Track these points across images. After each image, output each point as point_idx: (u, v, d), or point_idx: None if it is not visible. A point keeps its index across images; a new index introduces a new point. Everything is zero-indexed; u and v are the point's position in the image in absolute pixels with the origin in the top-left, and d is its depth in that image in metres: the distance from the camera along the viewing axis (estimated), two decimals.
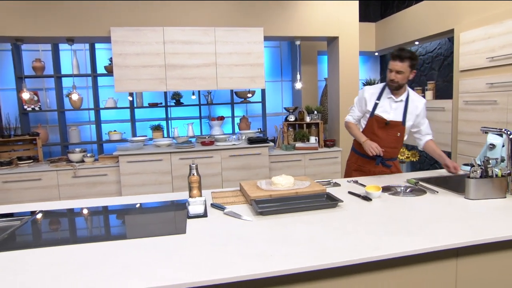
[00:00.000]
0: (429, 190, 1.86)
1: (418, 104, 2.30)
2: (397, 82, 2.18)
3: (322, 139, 4.51)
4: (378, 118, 2.29)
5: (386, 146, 2.26)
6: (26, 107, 4.62)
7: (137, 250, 1.23)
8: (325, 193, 1.78)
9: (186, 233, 1.39)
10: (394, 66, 2.15)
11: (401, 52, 2.13)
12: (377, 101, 2.29)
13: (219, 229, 1.43)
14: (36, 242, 1.41)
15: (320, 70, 5.55)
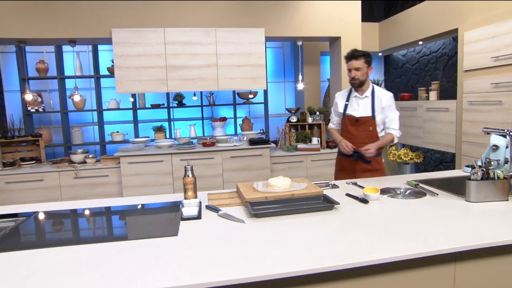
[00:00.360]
0: (429, 193, 1.82)
1: (382, 97, 2.39)
2: (357, 79, 2.33)
3: (324, 140, 4.47)
4: (349, 117, 2.46)
5: (361, 142, 2.38)
6: (30, 108, 4.65)
7: (125, 253, 1.22)
8: (322, 195, 1.75)
9: (178, 236, 1.37)
10: (352, 64, 2.32)
11: (354, 52, 2.33)
12: (347, 102, 2.48)
13: (212, 232, 1.41)
14: (20, 244, 1.39)
15: (323, 70, 5.51)
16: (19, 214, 1.72)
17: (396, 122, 2.45)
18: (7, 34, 3.65)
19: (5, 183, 3.72)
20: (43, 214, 1.73)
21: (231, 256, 1.16)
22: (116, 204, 1.88)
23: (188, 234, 1.38)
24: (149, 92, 4.32)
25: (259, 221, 1.50)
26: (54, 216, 1.73)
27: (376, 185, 2.01)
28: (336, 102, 2.57)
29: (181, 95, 4.87)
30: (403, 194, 1.85)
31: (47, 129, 4.87)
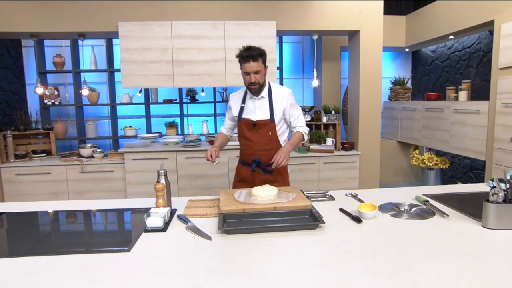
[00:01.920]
0: (439, 212, 1.54)
1: (282, 96, 2.10)
2: (258, 83, 2.01)
3: (339, 141, 4.18)
4: (245, 121, 2.14)
5: (260, 149, 2.12)
6: (46, 102, 4.71)
7: (53, 270, 1.07)
8: (309, 210, 1.52)
9: (130, 252, 1.21)
10: (250, 67, 1.96)
11: (251, 51, 1.96)
12: (242, 105, 2.15)
13: (170, 249, 1.23)
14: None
15: (344, 67, 5.18)
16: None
17: (302, 119, 2.19)
18: (20, 28, 3.68)
19: (16, 174, 3.77)
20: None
21: (174, 285, 0.98)
22: (80, 207, 1.75)
23: (142, 251, 1.22)
24: (155, 87, 4.22)
25: (228, 239, 1.31)
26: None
27: (378, 199, 1.75)
28: (230, 105, 2.22)
29: (194, 90, 4.74)
30: (406, 212, 1.58)
31: (62, 122, 4.92)
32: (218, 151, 2.04)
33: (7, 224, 1.52)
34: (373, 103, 3.99)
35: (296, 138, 2.11)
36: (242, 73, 2.03)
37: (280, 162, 1.88)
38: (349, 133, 4.44)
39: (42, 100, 4.65)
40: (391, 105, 5.15)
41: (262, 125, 2.08)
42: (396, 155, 5.10)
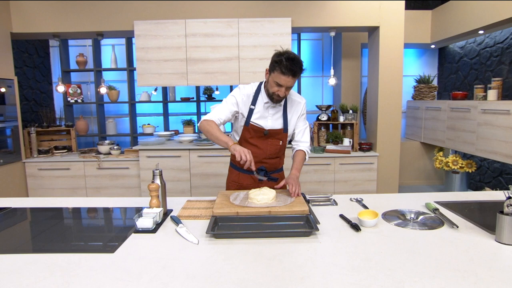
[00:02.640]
0: (448, 222, 1.41)
1: (299, 103, 1.92)
2: (284, 97, 1.79)
3: (357, 142, 4.03)
4: (254, 127, 1.87)
5: (267, 157, 1.92)
6: (70, 99, 4.88)
7: (39, 268, 1.06)
8: (306, 215, 1.44)
9: (115, 253, 1.19)
10: (286, 82, 1.69)
11: (295, 65, 1.66)
12: (252, 106, 1.86)
13: (153, 252, 1.20)
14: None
15: (365, 64, 5.00)
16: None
17: (307, 134, 1.99)
18: (43, 28, 3.81)
19: (38, 169, 3.93)
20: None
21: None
22: (78, 204, 1.76)
23: (127, 252, 1.19)
24: (169, 86, 4.24)
25: (215, 243, 1.26)
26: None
27: (384, 205, 1.64)
28: (237, 100, 1.86)
29: (211, 88, 4.74)
30: (412, 221, 1.46)
31: (85, 119, 5.08)
32: None
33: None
34: (393, 102, 3.80)
35: (300, 161, 1.91)
36: (270, 79, 1.74)
37: (296, 191, 1.67)
38: (368, 134, 4.28)
39: (65, 98, 4.82)
40: (414, 104, 4.91)
41: (274, 134, 1.90)
42: (419, 157, 4.86)
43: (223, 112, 1.85)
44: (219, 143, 1.73)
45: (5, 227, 1.46)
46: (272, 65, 1.72)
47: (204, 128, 1.80)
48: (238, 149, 1.62)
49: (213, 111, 1.86)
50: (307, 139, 1.98)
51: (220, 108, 1.87)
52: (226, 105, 1.87)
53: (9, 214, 1.63)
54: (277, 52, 1.73)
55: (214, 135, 1.74)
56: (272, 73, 1.72)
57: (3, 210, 1.68)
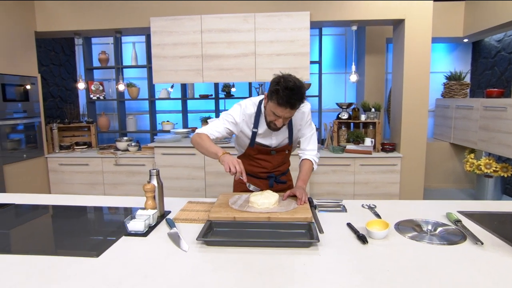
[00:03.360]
0: (472, 237, 1.24)
1: (303, 111, 1.75)
2: (281, 127, 1.66)
3: (379, 142, 3.81)
4: (260, 148, 1.80)
5: (275, 167, 1.87)
6: (92, 96, 4.98)
7: (17, 270, 1.02)
8: (308, 223, 1.32)
9: (99, 258, 1.13)
10: (284, 113, 1.55)
11: (293, 96, 1.49)
12: (255, 129, 1.74)
13: (140, 258, 1.13)
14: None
15: (390, 60, 4.74)
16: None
17: (314, 141, 1.84)
18: (64, 26, 3.89)
19: (59, 164, 4.03)
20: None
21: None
22: (76, 203, 1.72)
23: (112, 257, 1.13)
24: (184, 83, 4.20)
25: (205, 251, 1.17)
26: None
27: (399, 213, 1.49)
28: (237, 122, 1.73)
29: (230, 85, 4.67)
30: (429, 233, 1.30)
31: (106, 116, 5.17)
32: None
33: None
34: (419, 100, 3.56)
35: (307, 171, 1.78)
36: (268, 107, 1.59)
37: (305, 200, 1.54)
38: (391, 133, 4.04)
39: (88, 95, 4.92)
40: (444, 102, 4.60)
41: (280, 150, 1.83)
42: (448, 158, 4.55)
43: (218, 129, 1.72)
44: (209, 155, 1.62)
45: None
46: (269, 92, 1.56)
47: (195, 141, 1.68)
48: (226, 159, 1.49)
49: (208, 126, 1.75)
50: (314, 146, 1.83)
51: (216, 124, 1.74)
52: (223, 122, 1.74)
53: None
54: (276, 77, 1.57)
55: (204, 147, 1.62)
56: (269, 101, 1.57)
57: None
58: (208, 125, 1.75)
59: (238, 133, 1.79)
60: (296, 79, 1.52)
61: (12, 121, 3.56)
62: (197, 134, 1.69)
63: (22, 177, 3.68)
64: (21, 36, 3.70)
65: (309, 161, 1.81)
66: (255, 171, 1.88)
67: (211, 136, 1.69)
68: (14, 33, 3.59)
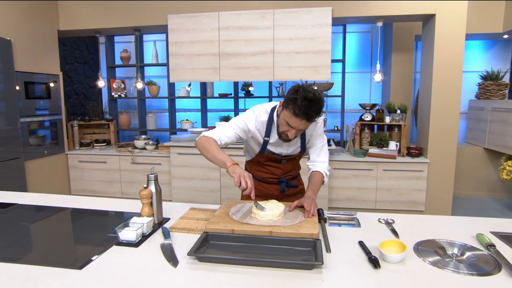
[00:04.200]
0: (508, 267, 1.05)
1: (317, 123, 1.65)
2: (293, 138, 1.54)
3: (404, 146, 3.57)
4: (270, 156, 1.72)
5: (285, 172, 1.79)
6: (114, 94, 5.03)
7: None
8: (314, 240, 1.18)
9: (82, 270, 1.05)
10: (298, 125, 1.44)
11: (311, 108, 1.38)
12: (267, 138, 1.65)
13: (124, 272, 1.04)
14: None
15: (419, 59, 4.46)
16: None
17: (325, 153, 1.72)
18: (86, 25, 3.93)
19: (78, 161, 4.09)
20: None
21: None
22: (72, 204, 1.65)
23: (95, 270, 1.05)
24: (201, 81, 4.14)
25: (196, 268, 1.06)
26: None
27: (421, 231, 1.31)
28: (249, 128, 1.62)
29: (249, 84, 4.57)
30: (455, 259, 1.13)
31: (127, 113, 5.22)
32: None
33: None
34: (449, 101, 3.29)
35: (317, 183, 1.65)
36: (282, 115, 1.49)
37: (313, 212, 1.41)
38: (418, 137, 3.78)
39: (110, 92, 4.98)
40: (478, 104, 4.26)
41: (290, 159, 1.75)
42: (481, 165, 4.21)
43: (227, 134, 1.60)
44: (216, 163, 1.51)
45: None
46: (286, 101, 1.45)
47: (200, 145, 1.57)
48: (238, 172, 1.40)
49: (216, 130, 1.63)
50: (324, 158, 1.71)
51: (225, 129, 1.62)
52: (233, 128, 1.61)
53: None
54: (295, 85, 1.46)
55: (211, 153, 1.51)
56: (284, 110, 1.46)
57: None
58: (216, 129, 1.63)
59: (248, 139, 1.70)
60: (316, 91, 1.42)
61: (34, 118, 3.64)
62: (204, 138, 1.58)
63: (43, 173, 3.76)
64: (45, 35, 3.77)
65: (320, 173, 1.68)
66: (264, 176, 1.80)
67: (219, 141, 1.59)
68: (38, 32, 3.66)
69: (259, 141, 1.67)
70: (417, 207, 3.47)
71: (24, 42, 3.47)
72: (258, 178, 1.80)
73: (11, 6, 3.31)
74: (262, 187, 1.81)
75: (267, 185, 1.80)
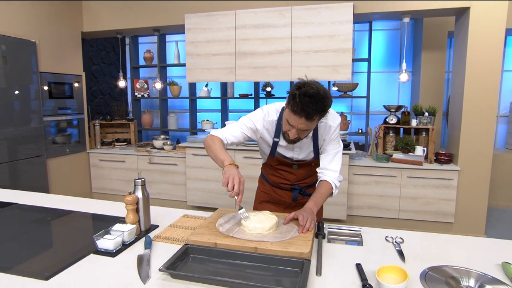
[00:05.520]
0: None
1: (331, 126, 1.52)
2: (297, 140, 1.45)
3: (432, 152, 3.29)
4: (281, 160, 1.63)
5: (299, 179, 1.67)
6: (137, 94, 5.11)
7: None
8: (303, 261, 1.05)
9: (48, 281, 0.98)
10: (297, 123, 1.33)
11: (310, 105, 1.26)
12: (276, 139, 1.56)
13: (91, 285, 0.97)
14: None
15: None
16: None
17: (337, 162, 1.55)
18: (107, 26, 4.00)
19: (99, 160, 4.17)
20: None
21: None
22: (62, 205, 1.61)
23: (62, 282, 0.98)
24: (217, 81, 4.07)
25: (168, 285, 0.97)
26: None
27: (433, 255, 1.13)
28: (256, 127, 1.54)
29: (270, 84, 4.45)
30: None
31: (150, 113, 5.29)
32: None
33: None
34: (485, 103, 2.98)
35: (323, 194, 1.49)
36: (283, 115, 1.42)
37: (308, 227, 1.26)
38: (449, 142, 3.48)
39: (133, 92, 5.06)
40: None
41: (304, 165, 1.64)
42: None
43: (234, 134, 1.54)
44: (216, 162, 1.45)
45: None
46: (287, 98, 1.36)
47: (206, 144, 1.53)
48: (228, 173, 1.32)
49: (224, 128, 1.58)
50: (336, 167, 1.54)
51: (233, 128, 1.56)
52: (240, 127, 1.56)
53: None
54: (299, 82, 1.35)
55: (214, 152, 1.45)
56: (286, 107, 1.37)
57: None
58: (224, 128, 1.59)
59: (259, 139, 1.62)
60: (321, 88, 1.30)
61: (58, 117, 3.75)
62: (210, 136, 1.54)
63: (65, 171, 3.86)
64: (69, 37, 3.87)
65: (329, 183, 1.52)
66: (277, 181, 1.71)
67: (225, 140, 1.53)
68: (62, 34, 3.77)
69: (269, 142, 1.59)
70: (446, 219, 3.18)
71: (49, 43, 3.58)
72: (271, 182, 1.74)
73: (37, 9, 3.42)
74: (275, 192, 1.74)
75: (279, 190, 1.72)
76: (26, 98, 3.35)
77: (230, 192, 1.27)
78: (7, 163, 3.16)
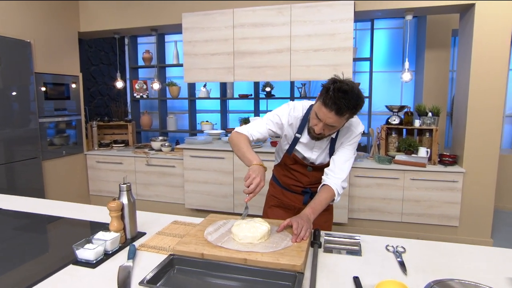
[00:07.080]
0: None
1: (353, 132, 1.50)
2: (324, 136, 1.44)
3: (436, 153, 3.20)
4: (297, 159, 1.60)
5: (312, 183, 1.64)
6: (136, 95, 5.06)
7: None
8: (295, 274, 0.97)
9: None
10: (326, 117, 1.32)
11: (343, 100, 1.25)
12: (298, 135, 1.54)
13: None
14: None
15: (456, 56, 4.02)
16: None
17: (346, 169, 1.49)
18: (104, 26, 3.94)
19: (96, 162, 4.11)
20: None
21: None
22: (54, 211, 1.54)
23: None
24: (214, 82, 4.00)
25: None
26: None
27: (440, 263, 1.05)
28: (282, 122, 1.52)
29: (271, 85, 4.37)
30: None
31: (149, 114, 5.23)
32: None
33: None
34: (491, 103, 2.88)
35: (322, 201, 1.42)
36: (312, 109, 1.41)
37: (303, 236, 1.19)
38: (453, 143, 3.38)
39: (132, 93, 5.00)
40: None
41: (319, 168, 1.60)
42: None
43: (260, 130, 1.53)
44: (243, 160, 1.43)
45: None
46: (320, 91, 1.36)
47: (232, 141, 1.51)
48: (254, 171, 1.29)
49: (249, 125, 1.56)
50: (342, 175, 1.48)
51: (259, 124, 1.54)
52: (266, 122, 1.54)
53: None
54: (334, 77, 1.35)
55: (241, 150, 1.43)
56: (317, 101, 1.37)
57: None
58: (249, 124, 1.57)
59: (282, 136, 1.60)
60: (356, 87, 1.31)
61: (54, 118, 3.69)
62: (236, 133, 1.53)
63: (61, 173, 3.80)
64: (65, 37, 3.81)
65: (331, 190, 1.45)
66: (289, 183, 1.68)
67: (251, 137, 1.52)
68: (58, 34, 3.71)
69: (290, 137, 1.57)
70: (450, 222, 3.09)
71: (45, 43, 3.52)
72: (283, 185, 1.71)
73: (32, 8, 3.37)
74: (285, 196, 1.71)
75: (290, 194, 1.70)
76: (22, 99, 3.30)
77: (247, 187, 1.26)
78: (3, 165, 3.10)
